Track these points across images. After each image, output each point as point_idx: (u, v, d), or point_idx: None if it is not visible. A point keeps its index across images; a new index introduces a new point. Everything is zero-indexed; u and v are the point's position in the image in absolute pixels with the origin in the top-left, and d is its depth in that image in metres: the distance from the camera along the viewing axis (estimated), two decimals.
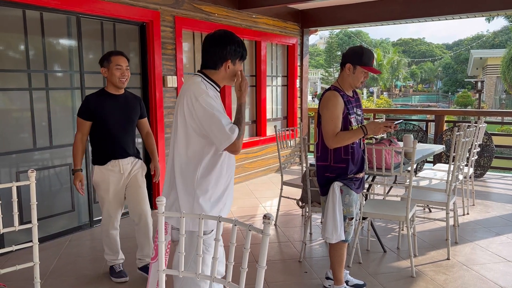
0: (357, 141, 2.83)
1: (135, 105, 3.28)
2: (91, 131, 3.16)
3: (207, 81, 2.08)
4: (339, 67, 2.89)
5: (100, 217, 4.61)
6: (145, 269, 3.29)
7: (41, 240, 3.97)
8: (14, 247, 2.13)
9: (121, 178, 3.20)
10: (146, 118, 3.41)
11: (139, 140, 3.92)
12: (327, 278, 3.21)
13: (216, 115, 1.96)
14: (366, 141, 3.19)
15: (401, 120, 3.35)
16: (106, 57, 3.14)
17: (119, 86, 3.16)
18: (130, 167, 3.24)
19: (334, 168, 2.83)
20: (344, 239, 2.84)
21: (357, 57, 2.75)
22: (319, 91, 41.54)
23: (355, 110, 2.84)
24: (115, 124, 3.14)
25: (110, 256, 3.34)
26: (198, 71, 2.13)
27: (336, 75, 39.73)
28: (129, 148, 3.23)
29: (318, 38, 53.38)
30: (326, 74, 41.05)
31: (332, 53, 41.32)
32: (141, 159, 3.35)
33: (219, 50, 2.04)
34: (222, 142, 1.97)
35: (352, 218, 2.85)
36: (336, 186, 2.81)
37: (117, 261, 3.35)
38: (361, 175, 2.91)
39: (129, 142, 3.24)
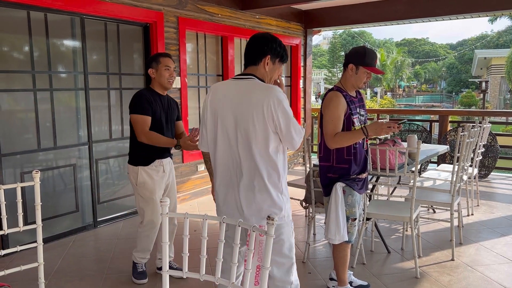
0: (360, 142, 2.83)
1: (175, 107, 3.34)
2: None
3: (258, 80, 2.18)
4: (342, 68, 2.89)
5: (104, 217, 4.66)
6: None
7: (46, 241, 3.99)
8: (19, 248, 2.14)
9: (164, 178, 3.24)
10: (181, 120, 3.46)
11: None
12: (331, 279, 3.20)
13: (293, 119, 2.11)
14: (369, 141, 3.18)
15: (405, 120, 3.33)
16: (154, 58, 3.15)
17: (167, 87, 3.17)
18: (169, 168, 3.29)
19: (336, 168, 2.82)
20: (347, 240, 2.83)
21: (359, 57, 2.75)
22: (322, 91, 41.44)
23: (358, 111, 2.84)
24: (163, 124, 3.16)
25: (139, 254, 3.33)
26: (245, 74, 2.19)
27: (340, 75, 39.68)
28: (170, 149, 3.29)
29: (322, 38, 53.27)
30: (330, 74, 40.99)
31: (335, 53, 41.26)
32: None
33: (260, 45, 2.17)
34: (297, 142, 2.14)
35: (355, 219, 2.84)
36: (339, 186, 2.80)
37: (144, 260, 3.36)
38: (364, 175, 2.90)
39: None
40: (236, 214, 2.18)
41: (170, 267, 3.27)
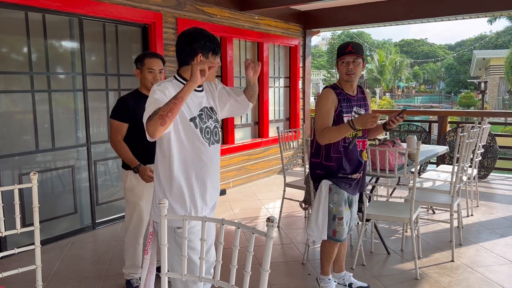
0: (350, 139, 2.79)
1: None
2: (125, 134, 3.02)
3: (178, 79, 2.11)
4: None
5: (102, 219, 4.64)
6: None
7: (43, 243, 3.97)
8: (16, 250, 2.12)
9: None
10: None
11: None
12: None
13: (151, 100, 2.05)
14: (369, 142, 3.17)
15: (404, 108, 3.25)
16: (140, 58, 3.02)
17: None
18: None
19: (324, 165, 2.85)
20: (325, 238, 2.83)
21: (336, 55, 2.84)
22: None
23: (355, 109, 2.82)
24: None
25: (129, 270, 3.16)
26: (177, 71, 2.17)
27: (338, 76, 39.75)
28: None
29: (320, 39, 53.27)
30: (329, 75, 41.04)
31: (334, 54, 41.26)
32: None
33: (189, 46, 2.07)
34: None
35: (342, 218, 2.81)
36: (324, 184, 2.82)
37: (137, 275, 3.17)
38: (355, 176, 2.88)
39: None
40: None
41: None
